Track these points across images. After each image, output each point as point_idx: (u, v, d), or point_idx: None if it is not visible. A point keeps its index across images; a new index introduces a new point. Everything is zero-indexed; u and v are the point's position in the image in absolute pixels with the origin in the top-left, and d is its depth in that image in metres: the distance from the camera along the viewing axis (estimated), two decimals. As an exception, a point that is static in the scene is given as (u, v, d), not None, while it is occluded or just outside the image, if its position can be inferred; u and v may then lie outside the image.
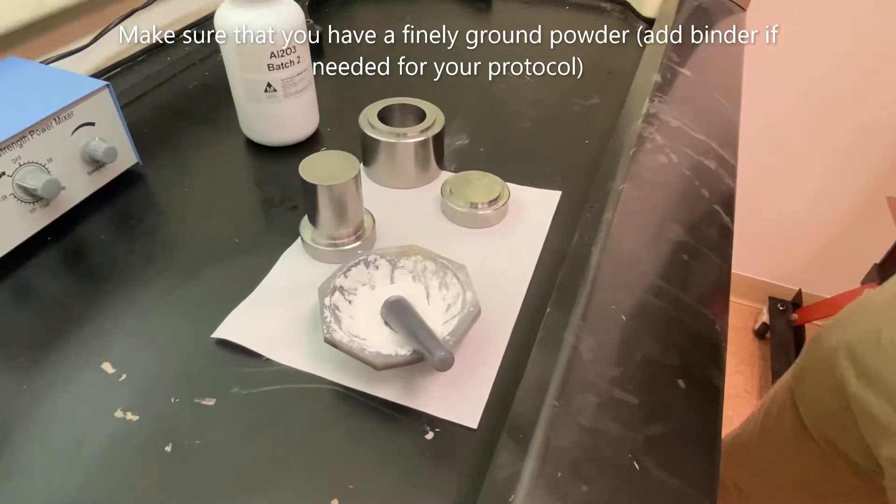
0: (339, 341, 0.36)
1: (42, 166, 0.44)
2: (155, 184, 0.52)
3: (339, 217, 0.44)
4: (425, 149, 0.51)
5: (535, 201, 0.51)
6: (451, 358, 0.32)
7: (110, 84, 0.48)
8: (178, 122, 0.59)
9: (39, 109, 0.43)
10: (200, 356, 0.38)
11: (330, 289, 0.39)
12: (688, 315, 0.38)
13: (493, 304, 0.41)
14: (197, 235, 0.47)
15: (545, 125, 0.62)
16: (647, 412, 0.31)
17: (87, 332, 0.40)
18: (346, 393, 0.36)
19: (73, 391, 0.36)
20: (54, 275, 0.44)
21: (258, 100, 0.53)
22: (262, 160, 0.56)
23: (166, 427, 0.34)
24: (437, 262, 0.41)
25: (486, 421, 0.35)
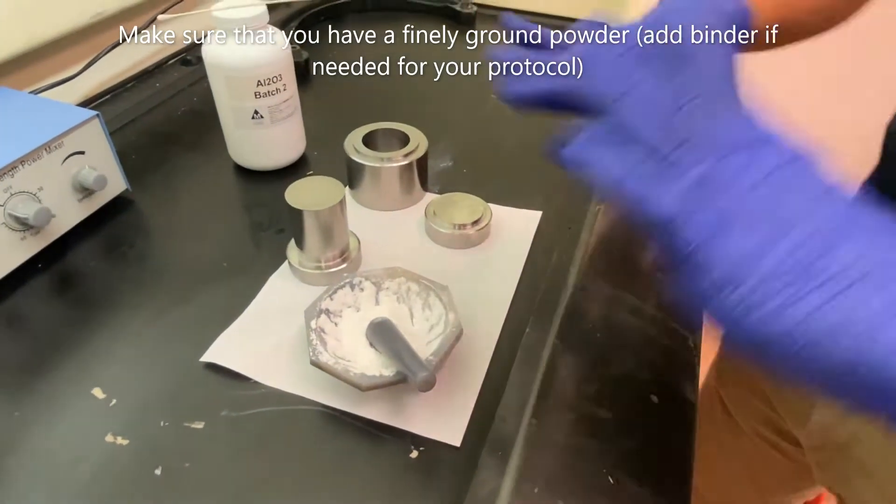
0: (324, 363, 0.37)
1: (33, 195, 0.45)
2: (144, 209, 0.53)
3: (325, 241, 0.45)
4: (409, 172, 0.53)
5: (517, 221, 0.53)
6: (433, 378, 0.34)
7: (100, 114, 0.49)
8: (167, 147, 0.61)
9: (30, 140, 0.45)
10: (190, 380, 0.39)
11: (316, 311, 0.40)
12: (662, 332, 0.39)
13: (475, 324, 0.42)
14: (186, 260, 0.48)
15: (527, 146, 0.63)
16: (622, 427, 0.32)
17: (77, 358, 0.40)
18: (332, 414, 0.37)
19: (64, 417, 0.37)
20: (45, 302, 0.45)
21: (246, 126, 0.54)
22: (250, 185, 0.57)
23: (156, 451, 0.35)
24: (420, 283, 0.42)
25: (469, 438, 0.36)
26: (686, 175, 0.23)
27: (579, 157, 0.27)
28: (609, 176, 0.25)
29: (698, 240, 0.22)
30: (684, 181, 0.23)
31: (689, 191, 0.23)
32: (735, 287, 0.21)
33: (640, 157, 0.24)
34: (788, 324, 0.19)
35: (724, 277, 0.21)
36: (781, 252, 0.20)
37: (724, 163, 0.22)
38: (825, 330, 0.19)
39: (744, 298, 0.20)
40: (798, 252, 0.20)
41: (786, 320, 0.20)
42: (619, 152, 0.25)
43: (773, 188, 0.22)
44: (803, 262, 0.20)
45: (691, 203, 0.22)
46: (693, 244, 0.22)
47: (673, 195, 0.23)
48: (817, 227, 0.20)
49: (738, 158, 0.22)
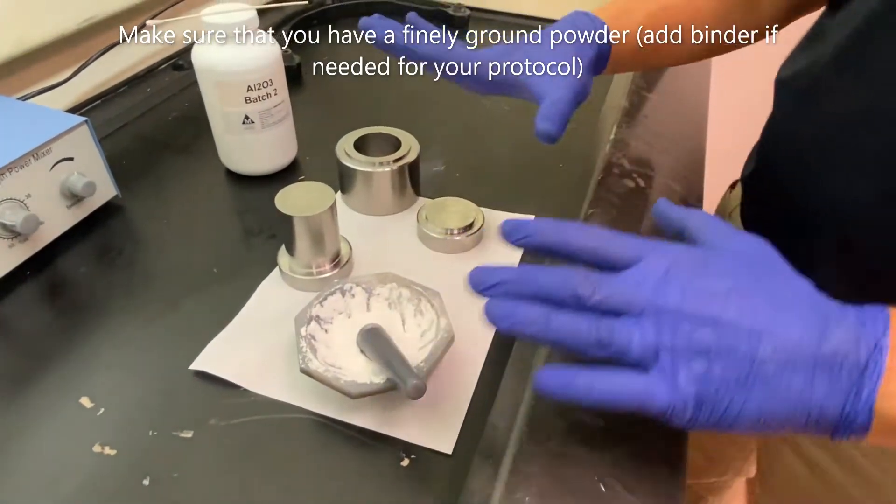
0: (314, 371, 0.36)
1: (21, 202, 0.45)
2: (134, 215, 0.53)
3: (316, 246, 0.45)
4: (401, 177, 0.53)
5: (509, 226, 0.52)
6: (423, 386, 0.33)
7: (88, 120, 0.48)
8: (158, 153, 0.60)
9: (18, 146, 0.44)
10: (179, 388, 0.39)
11: (306, 318, 0.40)
12: (654, 337, 0.39)
13: (467, 330, 0.42)
14: (176, 266, 0.48)
15: (520, 150, 0.63)
16: (614, 434, 0.32)
17: (65, 367, 0.40)
18: (323, 422, 0.37)
19: (51, 426, 0.37)
20: (33, 309, 0.44)
21: (236, 131, 0.54)
22: (241, 190, 0.57)
23: (144, 461, 0.35)
24: (412, 289, 0.42)
25: (460, 446, 0.36)
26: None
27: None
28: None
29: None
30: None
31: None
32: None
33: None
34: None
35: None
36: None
37: None
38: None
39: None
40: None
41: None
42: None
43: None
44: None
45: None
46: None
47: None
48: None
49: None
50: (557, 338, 0.27)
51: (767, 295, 0.26)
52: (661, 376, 0.26)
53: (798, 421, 0.25)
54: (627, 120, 0.59)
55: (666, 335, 0.26)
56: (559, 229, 0.30)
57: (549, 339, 0.27)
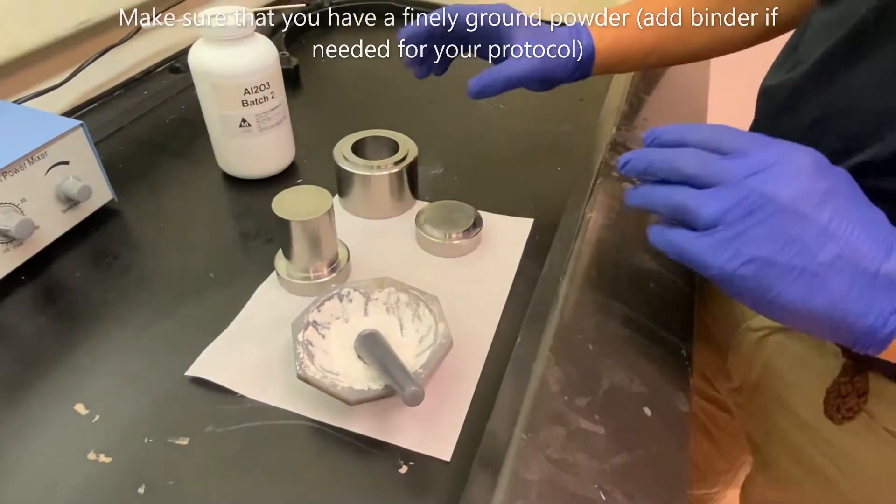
0: (311, 377, 0.36)
1: (15, 206, 0.44)
2: (130, 219, 0.52)
3: (313, 251, 0.44)
4: (399, 180, 0.52)
5: (508, 229, 0.52)
6: (421, 392, 0.33)
7: (84, 123, 0.48)
8: (155, 156, 0.60)
9: (13, 150, 0.44)
10: (175, 394, 0.38)
11: (303, 324, 0.39)
12: (654, 342, 0.39)
13: (466, 335, 0.42)
14: (173, 270, 0.48)
15: (518, 153, 0.63)
16: (614, 441, 0.32)
17: (60, 373, 0.40)
18: (320, 428, 0.37)
19: (45, 434, 0.36)
20: (28, 315, 0.44)
21: (233, 134, 0.53)
22: (238, 193, 0.56)
23: (139, 468, 0.34)
24: (410, 293, 0.42)
25: (459, 453, 0.35)
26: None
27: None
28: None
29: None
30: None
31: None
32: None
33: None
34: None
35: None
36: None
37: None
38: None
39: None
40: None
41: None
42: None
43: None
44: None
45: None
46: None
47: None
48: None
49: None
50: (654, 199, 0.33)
51: (854, 208, 0.29)
52: (722, 239, 0.29)
53: (827, 322, 0.28)
54: (626, 123, 0.59)
55: (740, 209, 0.29)
56: (678, 131, 0.33)
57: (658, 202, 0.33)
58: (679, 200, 0.31)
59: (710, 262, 0.29)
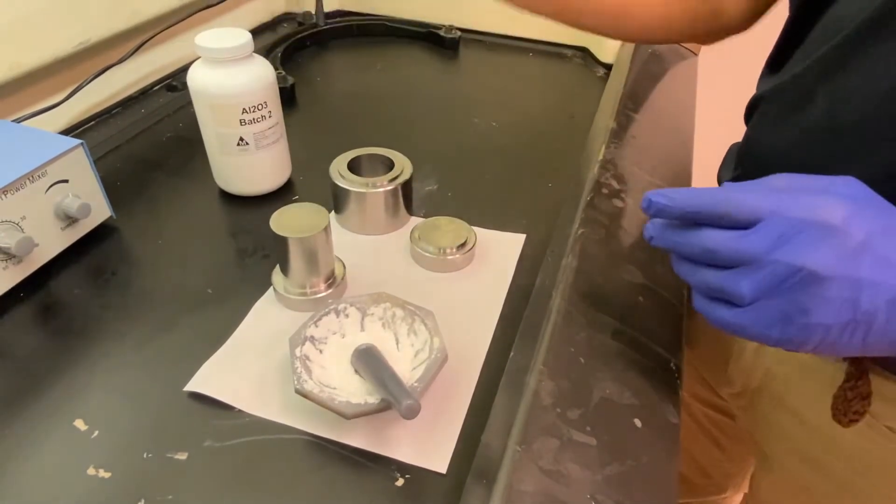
0: (309, 392, 0.37)
1: (16, 224, 0.45)
2: (129, 236, 0.53)
3: (310, 267, 0.45)
4: (394, 197, 0.53)
5: (501, 245, 0.53)
6: (417, 406, 0.34)
7: (84, 142, 0.49)
8: (152, 173, 0.61)
9: (13, 169, 0.44)
10: (173, 410, 0.39)
11: (301, 339, 0.40)
12: (644, 355, 0.40)
13: (461, 349, 0.42)
14: (170, 287, 0.48)
15: (511, 169, 0.64)
16: (606, 453, 0.33)
17: (59, 389, 0.40)
18: (317, 442, 0.37)
19: (45, 450, 0.37)
20: (27, 331, 0.44)
21: (231, 152, 0.54)
22: (235, 210, 0.57)
23: (138, 483, 0.35)
24: (405, 308, 0.43)
25: (454, 465, 0.36)
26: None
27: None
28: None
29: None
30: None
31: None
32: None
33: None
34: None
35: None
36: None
37: None
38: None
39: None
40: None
41: None
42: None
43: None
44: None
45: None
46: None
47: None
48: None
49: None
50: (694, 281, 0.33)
51: (888, 242, 0.28)
52: (767, 311, 0.30)
53: (892, 350, 0.29)
54: (615, 141, 0.60)
55: (775, 283, 0.29)
56: (693, 197, 0.33)
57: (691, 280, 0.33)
58: (714, 283, 0.31)
59: (763, 333, 0.30)
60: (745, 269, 0.30)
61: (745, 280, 0.30)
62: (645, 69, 0.77)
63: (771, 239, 0.29)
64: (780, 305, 0.29)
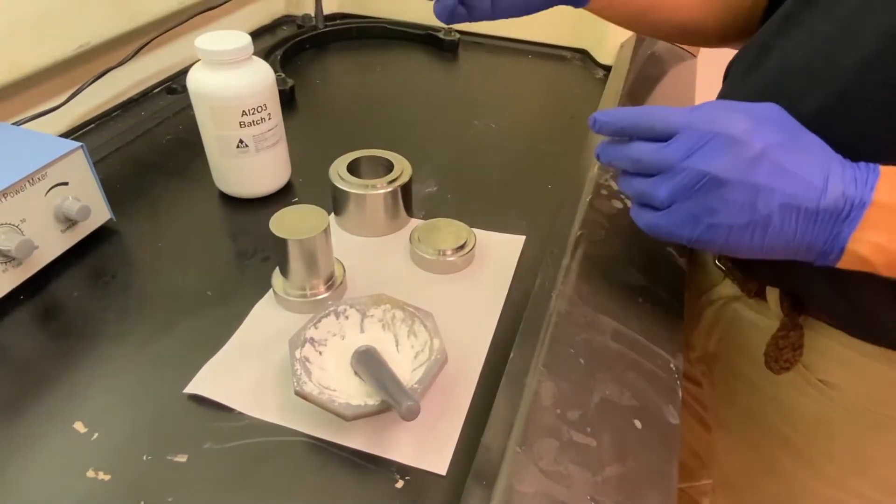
0: (309, 394, 0.37)
1: (15, 227, 0.45)
2: (128, 239, 0.53)
3: (310, 269, 0.45)
4: (394, 199, 0.53)
5: (501, 246, 0.53)
6: (417, 407, 0.34)
7: (84, 145, 0.49)
8: (152, 176, 0.61)
9: (13, 172, 0.45)
10: (173, 412, 0.39)
11: (300, 341, 0.40)
12: (644, 356, 0.40)
13: (461, 350, 0.42)
14: (170, 289, 0.48)
15: (510, 171, 0.64)
16: (606, 453, 0.33)
17: (59, 392, 0.40)
18: (317, 444, 0.37)
19: (44, 452, 0.37)
20: (27, 334, 0.44)
21: (231, 155, 0.54)
22: (235, 212, 0.57)
23: (138, 486, 0.35)
24: (405, 310, 0.43)
25: (454, 466, 0.36)
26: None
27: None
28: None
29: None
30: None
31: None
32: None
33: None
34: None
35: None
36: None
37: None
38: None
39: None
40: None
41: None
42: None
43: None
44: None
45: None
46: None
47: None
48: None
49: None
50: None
51: (789, 153, 0.32)
52: (679, 213, 0.34)
53: (787, 253, 0.33)
54: (615, 142, 0.60)
55: (685, 188, 0.33)
56: (624, 116, 0.37)
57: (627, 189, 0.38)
58: (639, 189, 0.36)
59: (677, 233, 0.34)
60: (663, 176, 0.34)
61: (663, 185, 0.34)
62: (644, 71, 0.77)
63: (685, 149, 0.33)
64: (691, 207, 0.33)
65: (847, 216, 0.31)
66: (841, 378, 0.45)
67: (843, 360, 0.44)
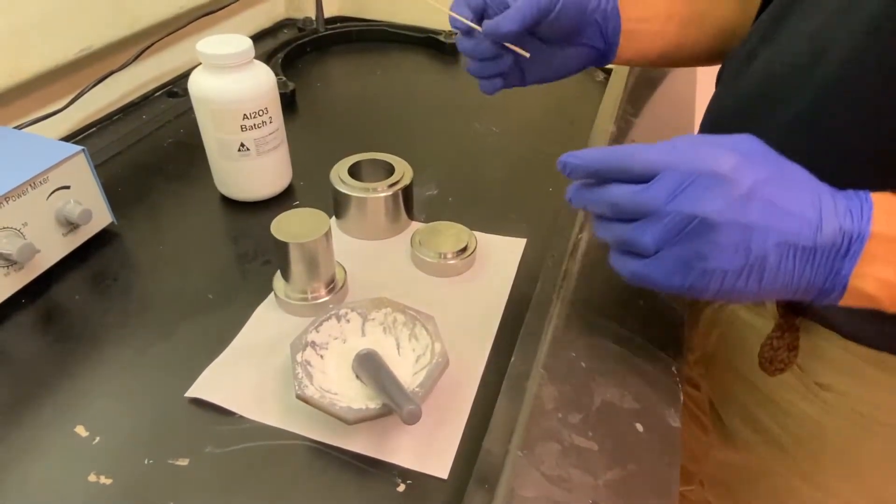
0: (310, 397, 0.37)
1: (17, 231, 0.45)
2: (130, 242, 0.53)
3: (311, 272, 0.45)
4: (395, 202, 0.54)
5: (502, 249, 0.53)
6: (418, 411, 0.34)
7: (85, 149, 0.49)
8: (154, 179, 0.61)
9: (15, 176, 0.45)
10: (174, 415, 0.39)
11: (302, 344, 0.40)
12: (645, 359, 0.40)
13: (462, 353, 0.42)
14: (171, 293, 0.48)
15: (511, 174, 0.64)
16: (607, 457, 0.33)
17: (60, 395, 0.40)
18: (319, 448, 0.37)
19: (46, 456, 0.37)
20: (28, 338, 0.44)
21: (232, 158, 0.54)
22: (236, 215, 0.57)
23: (140, 490, 0.35)
24: (406, 313, 0.43)
25: (456, 470, 0.36)
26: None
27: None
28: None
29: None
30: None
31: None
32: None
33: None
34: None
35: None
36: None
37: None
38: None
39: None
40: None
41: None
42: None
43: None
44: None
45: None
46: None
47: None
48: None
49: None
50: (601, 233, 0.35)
51: (779, 188, 0.30)
52: (668, 261, 0.31)
53: (786, 293, 0.31)
54: (615, 144, 0.60)
55: (672, 233, 0.30)
56: (596, 158, 0.34)
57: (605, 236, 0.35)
58: (621, 235, 0.33)
59: (667, 282, 0.32)
60: (646, 221, 0.31)
61: (648, 231, 0.31)
62: (644, 74, 0.78)
63: (668, 190, 0.30)
64: (681, 253, 0.31)
65: (847, 252, 0.29)
66: (836, 381, 0.45)
67: (839, 363, 0.44)
